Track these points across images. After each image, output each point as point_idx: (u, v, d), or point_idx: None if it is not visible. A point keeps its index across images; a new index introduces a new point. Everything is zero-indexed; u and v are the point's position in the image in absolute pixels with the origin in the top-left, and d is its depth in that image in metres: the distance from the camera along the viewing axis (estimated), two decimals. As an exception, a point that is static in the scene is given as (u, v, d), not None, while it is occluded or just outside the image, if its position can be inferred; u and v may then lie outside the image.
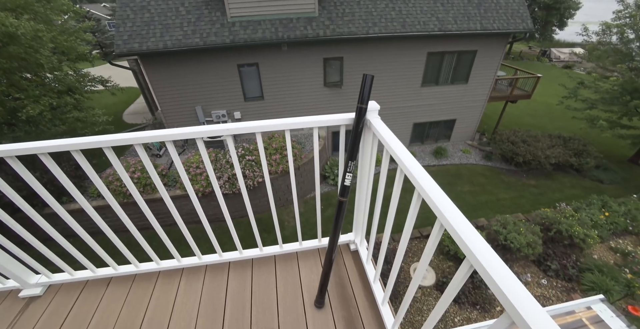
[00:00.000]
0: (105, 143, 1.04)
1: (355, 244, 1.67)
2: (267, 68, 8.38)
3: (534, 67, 21.64)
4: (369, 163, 1.23)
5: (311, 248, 1.71)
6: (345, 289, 1.49)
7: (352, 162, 1.11)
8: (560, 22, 24.24)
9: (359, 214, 1.51)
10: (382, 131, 1.02)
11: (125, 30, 7.34)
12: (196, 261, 1.61)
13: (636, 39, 9.38)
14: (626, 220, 6.87)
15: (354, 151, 1.10)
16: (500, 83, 11.25)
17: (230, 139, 1.17)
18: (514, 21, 8.52)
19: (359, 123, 1.08)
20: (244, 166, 7.30)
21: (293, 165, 1.32)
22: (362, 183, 1.34)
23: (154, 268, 1.59)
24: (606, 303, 2.36)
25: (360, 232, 1.59)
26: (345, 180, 1.13)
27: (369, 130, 1.15)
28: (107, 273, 1.56)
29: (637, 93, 8.71)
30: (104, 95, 15.71)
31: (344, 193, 1.16)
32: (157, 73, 7.97)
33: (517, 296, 0.50)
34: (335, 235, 1.24)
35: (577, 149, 9.48)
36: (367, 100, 1.06)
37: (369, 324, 1.32)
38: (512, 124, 12.41)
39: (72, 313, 1.44)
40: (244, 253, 1.64)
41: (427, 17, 8.10)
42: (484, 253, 0.57)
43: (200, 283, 1.54)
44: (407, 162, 0.86)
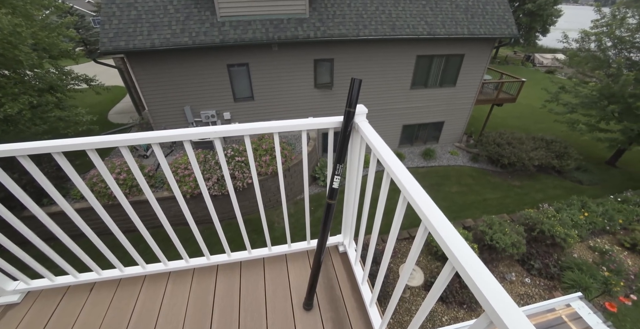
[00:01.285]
0: (89, 146, 1.01)
1: (344, 246, 1.68)
2: (258, 68, 8.34)
3: (519, 71, 22.32)
4: (357, 166, 1.25)
5: (300, 250, 1.72)
6: (334, 290, 1.50)
7: (340, 164, 1.12)
8: (543, 28, 25.13)
9: (347, 216, 1.52)
10: (370, 134, 1.04)
11: (111, 27, 7.17)
12: (183, 265, 1.58)
13: (612, 46, 9.81)
14: (604, 219, 7.16)
15: (342, 154, 1.12)
16: (487, 87, 11.55)
17: (219, 141, 1.16)
18: (500, 27, 8.78)
19: (347, 127, 1.10)
20: (234, 168, 7.23)
21: (282, 166, 1.32)
22: (351, 185, 1.35)
23: (139, 272, 1.55)
24: (584, 300, 2.47)
25: (349, 234, 1.61)
26: (333, 182, 1.14)
27: (357, 133, 1.17)
28: (90, 278, 1.52)
29: (614, 98, 9.10)
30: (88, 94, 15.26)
31: (333, 196, 1.17)
32: (144, 72, 7.81)
33: (497, 299, 0.52)
34: (324, 237, 1.25)
35: (559, 151, 9.82)
36: (355, 103, 1.07)
37: (357, 326, 1.34)
38: (498, 126, 12.75)
39: (52, 320, 1.40)
40: (232, 255, 1.62)
41: (416, 20, 8.25)
42: (465, 256, 0.59)
43: (187, 287, 1.52)
44: (393, 166, 0.88)
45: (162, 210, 1.35)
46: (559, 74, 22.13)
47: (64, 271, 1.48)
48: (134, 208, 1.30)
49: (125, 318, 1.40)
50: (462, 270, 0.59)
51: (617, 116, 9.08)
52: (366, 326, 1.33)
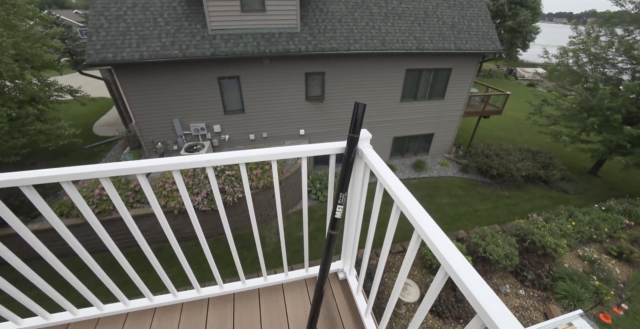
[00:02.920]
0: (65, 178, 0.91)
1: (344, 273, 1.59)
2: (249, 81, 8.33)
3: (502, 84, 23.24)
4: (360, 194, 1.18)
5: (298, 279, 1.61)
6: (335, 323, 1.40)
7: (343, 193, 1.05)
8: (523, 44, 26.59)
9: (348, 242, 1.44)
10: (375, 162, 0.98)
11: (98, 39, 7.05)
12: (171, 299, 1.45)
13: (589, 62, 10.34)
14: (590, 228, 7.30)
15: (345, 182, 1.05)
16: (474, 99, 11.89)
17: (211, 170, 1.08)
18: (485, 42, 9.14)
19: (351, 153, 1.04)
20: (224, 182, 7.06)
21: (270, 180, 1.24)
22: (352, 212, 1.28)
23: (121, 310, 1.40)
24: (585, 317, 2.45)
25: (349, 261, 1.52)
26: (336, 212, 1.07)
27: (361, 159, 1.11)
28: (63, 319, 1.35)
29: (593, 111, 9.50)
30: (72, 105, 14.88)
31: (335, 226, 1.10)
32: (132, 84, 7.66)
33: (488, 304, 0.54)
34: (326, 269, 1.16)
35: (544, 162, 10.09)
36: (359, 129, 1.02)
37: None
38: (485, 137, 13.07)
39: None
40: (224, 287, 1.50)
41: (405, 36, 8.49)
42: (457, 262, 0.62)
43: (175, 324, 1.38)
44: (401, 196, 0.82)
45: (149, 225, 1.23)
46: (540, 87, 23.14)
47: (30, 313, 1.30)
48: (118, 224, 1.18)
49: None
50: (454, 275, 0.61)
51: (597, 128, 9.45)
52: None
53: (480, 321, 0.55)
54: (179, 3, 7.60)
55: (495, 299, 0.55)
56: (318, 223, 7.96)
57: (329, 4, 8.39)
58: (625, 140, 8.70)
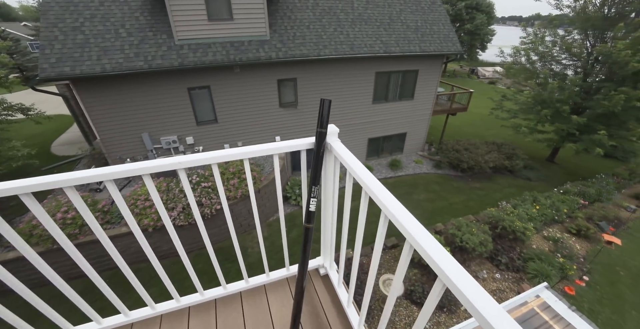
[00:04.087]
0: (23, 189, 0.87)
1: (325, 268, 1.62)
2: (220, 90, 8.22)
3: (466, 84, 24.67)
4: (333, 186, 1.23)
5: (280, 278, 1.62)
6: (319, 317, 1.42)
7: (315, 186, 1.09)
8: (482, 45, 28.59)
9: (326, 237, 1.48)
10: (343, 154, 1.04)
11: (52, 52, 6.67)
12: (149, 312, 1.39)
13: (538, 60, 11.29)
14: (552, 211, 7.90)
15: (317, 176, 1.09)
16: (441, 98, 12.52)
17: (183, 172, 1.07)
18: (447, 44, 9.70)
19: (320, 148, 1.08)
20: (200, 194, 6.87)
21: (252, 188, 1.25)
22: (327, 206, 1.32)
23: (95, 327, 1.33)
24: (550, 289, 2.66)
25: (329, 255, 1.55)
26: (310, 205, 1.11)
27: (330, 153, 1.16)
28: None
29: (545, 103, 10.36)
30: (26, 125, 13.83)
31: (310, 220, 1.13)
32: (94, 99, 7.28)
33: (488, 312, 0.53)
34: (305, 263, 1.19)
35: (509, 153, 10.80)
36: (327, 124, 1.07)
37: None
38: (455, 134, 13.76)
39: None
40: (205, 294, 1.47)
41: (372, 40, 8.81)
42: (455, 274, 0.60)
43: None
44: (370, 183, 0.87)
45: (121, 246, 1.19)
46: (500, 84, 24.82)
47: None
48: (87, 248, 1.13)
49: None
50: (454, 288, 0.59)
51: (550, 119, 10.29)
52: (357, 352, 1.26)
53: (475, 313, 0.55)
54: (142, 13, 7.39)
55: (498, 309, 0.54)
56: (300, 228, 7.94)
57: (297, 11, 8.54)
58: (574, 128, 9.54)
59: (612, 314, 5.70)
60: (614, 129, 9.37)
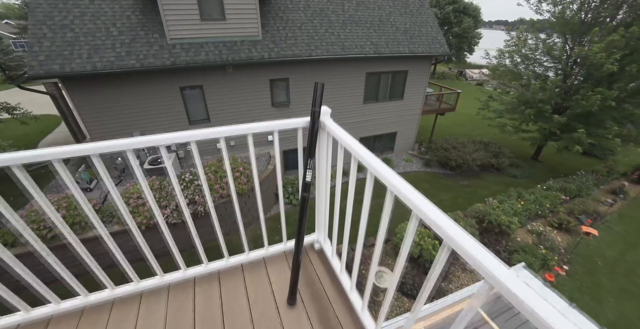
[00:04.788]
0: (14, 161, 0.97)
1: (319, 242, 1.76)
2: (212, 90, 8.27)
3: (455, 85, 25.30)
4: (326, 161, 1.37)
5: (277, 253, 1.74)
6: (315, 285, 1.55)
7: (311, 159, 1.23)
8: (469, 48, 29.39)
9: (320, 212, 1.61)
10: (335, 129, 1.18)
11: (41, 50, 6.62)
12: (157, 282, 1.50)
13: (521, 62, 11.76)
14: (536, 206, 8.25)
15: (312, 149, 1.23)
16: (430, 99, 12.85)
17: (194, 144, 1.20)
18: (435, 46, 10.01)
19: (314, 124, 1.22)
20: (193, 192, 6.90)
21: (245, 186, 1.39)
22: (321, 179, 1.46)
23: (107, 297, 1.43)
24: (527, 269, 2.87)
25: (322, 231, 1.69)
26: (306, 176, 1.24)
27: (324, 130, 1.30)
28: (44, 312, 1.35)
29: (529, 104, 10.79)
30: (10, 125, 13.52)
31: (306, 189, 1.26)
32: (84, 98, 7.23)
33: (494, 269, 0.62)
34: (301, 231, 1.32)
35: (495, 151, 11.18)
36: (320, 104, 1.21)
37: (340, 312, 1.40)
38: (443, 134, 14.12)
39: None
40: (209, 266, 1.58)
41: (362, 41, 9.03)
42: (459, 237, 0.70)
43: (163, 306, 1.43)
44: (361, 151, 1.01)
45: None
46: (487, 86, 25.54)
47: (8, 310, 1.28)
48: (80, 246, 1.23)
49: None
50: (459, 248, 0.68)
51: (533, 118, 10.72)
52: (349, 311, 1.40)
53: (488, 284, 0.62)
54: (133, 12, 7.41)
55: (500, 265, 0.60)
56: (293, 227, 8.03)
57: (289, 12, 8.69)
58: (555, 127, 9.98)
59: (591, 301, 6.01)
60: (593, 128, 9.84)
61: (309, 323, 1.36)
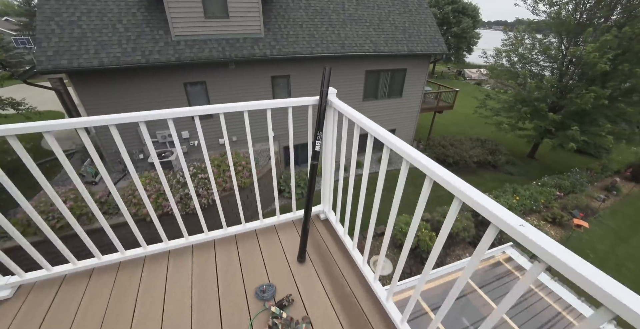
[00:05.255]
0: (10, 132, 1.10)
1: (324, 213, 1.96)
2: (215, 86, 8.46)
3: (453, 84, 25.46)
4: (332, 134, 1.58)
5: (287, 221, 1.95)
6: (320, 247, 1.76)
7: (319, 131, 1.44)
8: (468, 48, 29.63)
9: (325, 185, 1.81)
10: (341, 105, 1.39)
11: (49, 45, 6.80)
12: (183, 242, 1.70)
13: (518, 61, 11.99)
14: (531, 201, 8.49)
15: (320, 123, 1.44)
16: (429, 97, 13.08)
17: (222, 116, 1.40)
18: (433, 45, 10.22)
19: (322, 101, 1.43)
20: (197, 185, 7.09)
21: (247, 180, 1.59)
22: (327, 152, 1.67)
23: (140, 253, 1.63)
24: (514, 248, 3.09)
25: (327, 202, 1.89)
26: (315, 146, 1.45)
27: (330, 107, 1.51)
28: (89, 264, 1.55)
29: (525, 102, 11.03)
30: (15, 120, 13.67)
31: (315, 157, 1.47)
32: (90, 92, 7.42)
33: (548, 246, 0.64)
34: (310, 192, 1.52)
35: (492, 149, 11.42)
36: (328, 84, 1.42)
37: (343, 267, 1.61)
38: (441, 132, 14.34)
39: (50, 312, 1.40)
40: (227, 230, 1.79)
41: (362, 39, 9.24)
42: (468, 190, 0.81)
43: (188, 263, 1.64)
44: (365, 120, 1.22)
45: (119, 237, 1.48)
46: (485, 85, 25.79)
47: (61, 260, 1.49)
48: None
49: (129, 301, 1.45)
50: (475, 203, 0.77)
51: (529, 116, 10.96)
52: (351, 265, 1.61)
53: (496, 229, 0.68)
54: (139, 9, 7.59)
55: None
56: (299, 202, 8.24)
57: (290, 11, 8.89)
58: (550, 125, 10.22)
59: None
60: (586, 126, 10.08)
61: (317, 276, 1.57)
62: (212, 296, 1.46)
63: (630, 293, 0.52)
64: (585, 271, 0.56)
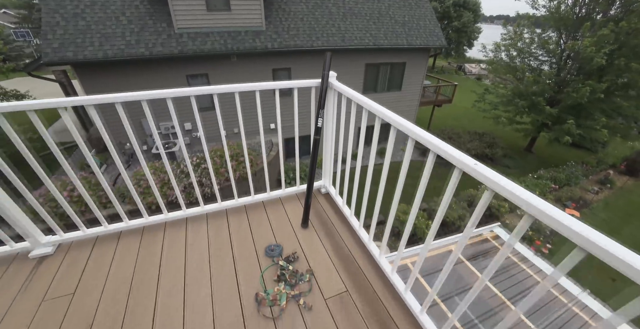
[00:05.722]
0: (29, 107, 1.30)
1: (325, 187, 2.17)
2: (217, 78, 8.61)
3: (453, 79, 25.56)
4: (332, 112, 1.77)
5: (291, 193, 2.17)
6: (322, 215, 1.97)
7: (322, 109, 1.63)
8: (468, 42, 29.55)
9: (326, 161, 2.02)
10: (341, 86, 1.58)
11: (55, 37, 6.93)
12: (199, 210, 1.92)
13: (517, 55, 12.10)
14: (526, 193, 8.72)
15: (322, 101, 1.63)
16: (427, 91, 13.21)
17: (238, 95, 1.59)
18: (432, 39, 10.33)
19: (324, 83, 1.62)
20: (200, 175, 7.28)
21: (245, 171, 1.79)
22: (327, 129, 1.86)
23: (161, 219, 1.84)
24: (502, 227, 3.31)
25: (328, 177, 2.10)
26: (317, 122, 1.65)
27: (331, 89, 1.70)
28: (117, 227, 1.76)
29: (523, 96, 11.18)
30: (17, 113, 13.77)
31: (318, 132, 1.67)
32: (95, 84, 7.58)
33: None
34: (313, 164, 1.72)
35: (489, 142, 11.61)
36: (329, 69, 1.60)
37: (342, 231, 1.82)
38: (440, 126, 14.51)
39: (87, 269, 1.60)
40: (239, 200, 2.00)
41: (362, 33, 9.35)
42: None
43: (204, 228, 1.85)
44: (363, 98, 1.41)
45: None
46: (485, 80, 25.86)
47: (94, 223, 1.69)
48: None
49: (155, 259, 1.66)
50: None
51: (527, 110, 11.13)
52: (349, 230, 1.82)
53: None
54: (141, 2, 7.69)
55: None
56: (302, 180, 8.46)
57: (291, 4, 8.98)
58: (547, 119, 10.40)
59: (585, 289, 6.56)
60: (582, 120, 10.26)
61: (319, 238, 1.78)
62: (227, 254, 1.68)
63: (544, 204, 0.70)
64: (518, 191, 0.75)
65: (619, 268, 0.57)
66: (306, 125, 10.70)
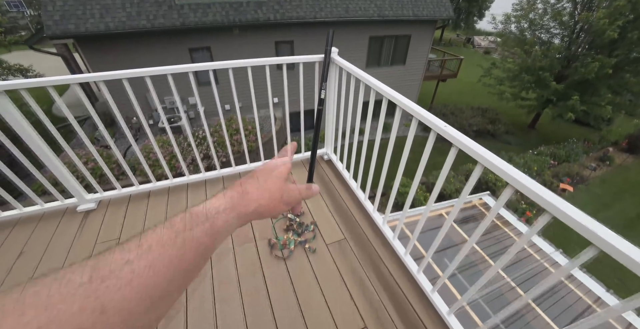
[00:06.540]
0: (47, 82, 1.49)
1: (328, 154, 2.41)
2: (220, 51, 8.53)
3: (461, 53, 24.61)
4: (334, 86, 1.96)
5: (297, 159, 2.42)
6: (324, 179, 2.24)
7: (324, 82, 1.81)
8: (479, 12, 28.01)
9: (328, 129, 2.23)
10: (343, 62, 1.75)
11: (55, 9, 6.84)
12: (216, 174, 2.19)
13: (527, 28, 11.65)
14: (524, 169, 8.93)
15: (325, 75, 1.81)
16: (432, 65, 12.93)
17: (232, 72, 1.78)
18: (439, 9, 9.95)
19: (326, 58, 1.79)
20: (206, 149, 7.53)
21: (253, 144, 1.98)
22: (330, 102, 2.06)
23: (184, 180, 2.12)
24: (491, 195, 3.59)
25: (330, 145, 2.33)
26: (321, 94, 1.84)
27: (333, 64, 1.87)
28: (147, 187, 2.04)
29: (529, 71, 10.96)
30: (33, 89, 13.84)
31: (321, 103, 1.86)
32: (98, 58, 7.58)
33: None
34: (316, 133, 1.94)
35: (492, 118, 11.61)
36: (331, 45, 1.76)
37: (342, 191, 2.10)
38: (444, 101, 14.38)
39: (126, 221, 1.89)
40: (237, 168, 2.26)
41: (367, 4, 9.03)
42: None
43: (221, 188, 2.10)
44: (361, 72, 1.58)
45: None
46: (494, 53, 24.91)
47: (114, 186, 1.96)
48: None
49: None
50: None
51: (533, 86, 10.97)
52: (348, 191, 2.09)
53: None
54: (140, -30, 7.43)
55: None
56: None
57: (294, -29, 8.60)
58: (553, 95, 10.29)
59: (558, 249, 6.96)
60: (587, 96, 10.15)
61: (321, 197, 2.05)
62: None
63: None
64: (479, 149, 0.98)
65: (576, 228, 0.69)
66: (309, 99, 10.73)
